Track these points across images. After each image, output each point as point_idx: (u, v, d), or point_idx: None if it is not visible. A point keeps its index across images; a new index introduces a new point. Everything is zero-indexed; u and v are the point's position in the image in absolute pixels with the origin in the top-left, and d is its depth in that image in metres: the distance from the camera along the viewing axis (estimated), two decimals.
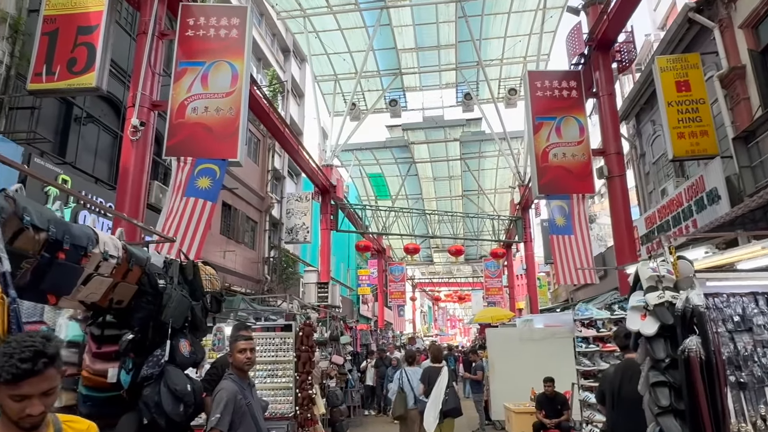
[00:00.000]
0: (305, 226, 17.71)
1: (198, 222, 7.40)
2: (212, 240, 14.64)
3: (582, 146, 9.36)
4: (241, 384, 3.17)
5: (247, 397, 3.14)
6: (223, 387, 3.04)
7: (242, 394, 3.10)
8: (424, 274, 50.87)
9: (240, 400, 3.03)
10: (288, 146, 16.04)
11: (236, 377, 3.16)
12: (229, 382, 3.09)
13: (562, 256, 8.97)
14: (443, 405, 6.36)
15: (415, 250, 19.87)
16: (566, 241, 8.99)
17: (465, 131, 25.61)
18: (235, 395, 3.01)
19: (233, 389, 3.03)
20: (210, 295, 3.27)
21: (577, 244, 8.93)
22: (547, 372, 8.85)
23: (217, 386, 3.06)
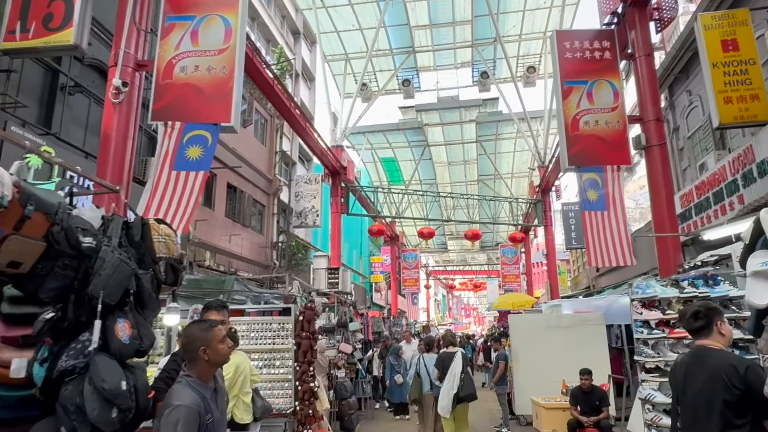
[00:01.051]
0: (315, 209, 16.95)
1: (189, 196, 6.65)
2: (217, 223, 13.96)
3: (616, 113, 8.41)
4: (204, 391, 2.24)
5: (211, 411, 2.24)
6: (180, 402, 2.10)
7: (205, 407, 2.20)
8: (438, 262, 50.02)
9: (203, 419, 2.16)
10: (296, 125, 15.24)
11: (196, 381, 2.23)
12: (187, 393, 2.15)
13: (594, 235, 8.06)
14: (458, 390, 6.39)
15: (430, 234, 19.03)
16: (599, 217, 8.07)
17: (481, 111, 24.56)
18: (198, 414, 2.12)
19: (194, 404, 2.13)
20: (164, 262, 2.49)
21: (612, 220, 8.02)
22: (576, 362, 7.99)
23: (168, 397, 2.15)
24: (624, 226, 8.01)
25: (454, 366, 6.54)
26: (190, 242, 11.85)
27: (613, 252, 7.96)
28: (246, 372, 4.37)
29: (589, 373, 6.30)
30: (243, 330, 5.43)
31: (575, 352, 8.08)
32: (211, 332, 2.31)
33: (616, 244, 7.97)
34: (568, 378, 7.67)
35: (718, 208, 9.85)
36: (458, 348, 6.93)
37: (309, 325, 5.47)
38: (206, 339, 2.30)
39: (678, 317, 2.94)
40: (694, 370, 2.50)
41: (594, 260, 8.06)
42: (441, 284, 54.16)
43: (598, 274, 20.55)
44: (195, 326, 2.34)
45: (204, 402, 2.23)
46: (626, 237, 7.95)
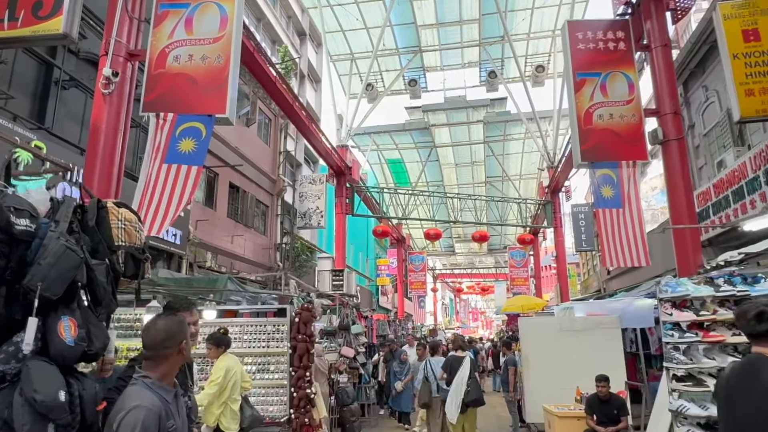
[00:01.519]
0: (319, 210, 16.64)
1: (182, 192, 6.33)
2: (218, 223, 13.67)
3: (632, 106, 8.01)
4: (165, 395, 1.95)
5: (173, 416, 1.94)
6: (138, 403, 1.81)
7: (167, 412, 1.91)
8: (446, 265, 49.55)
9: (164, 425, 1.87)
10: (300, 124, 14.93)
11: (156, 383, 1.93)
12: (146, 394, 1.86)
13: (608, 234, 7.66)
14: (465, 396, 6.36)
15: (437, 235, 18.64)
16: (614, 216, 7.67)
17: (489, 112, 24.17)
18: (159, 418, 1.84)
19: (154, 407, 1.84)
20: (124, 252, 2.14)
21: (627, 219, 7.62)
22: (590, 368, 7.58)
23: (121, 401, 1.84)
24: (640, 224, 7.60)
25: (462, 371, 6.52)
26: (190, 242, 11.57)
27: (628, 252, 7.56)
28: (237, 377, 4.04)
29: (606, 380, 5.89)
30: (236, 332, 5.11)
31: (589, 357, 7.67)
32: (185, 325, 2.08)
33: (631, 244, 7.57)
34: (582, 385, 7.27)
35: (738, 207, 9.41)
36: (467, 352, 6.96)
37: (305, 328, 5.12)
38: (184, 333, 2.05)
39: (736, 317, 2.52)
40: (746, 382, 2.11)
41: (609, 261, 7.65)
42: (448, 288, 53.66)
43: (609, 276, 20.05)
44: (169, 320, 2.02)
45: (166, 406, 1.92)
46: (642, 236, 7.55)
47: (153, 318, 2.02)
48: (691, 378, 4.20)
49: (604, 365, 7.62)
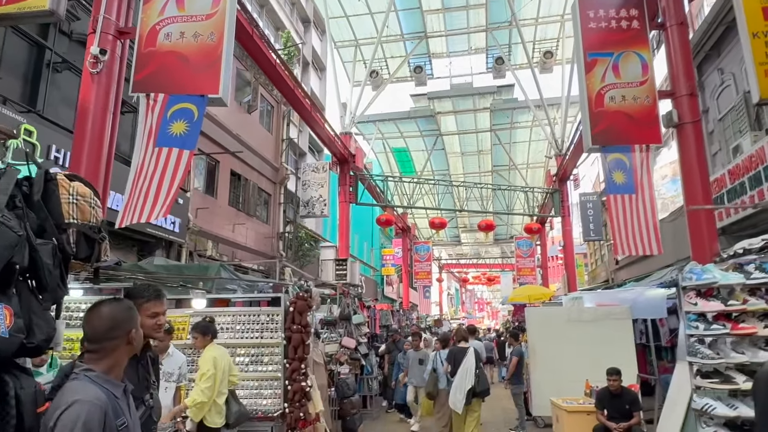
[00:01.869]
0: (322, 198, 16.38)
1: (173, 176, 6.05)
2: (219, 211, 13.44)
3: (645, 87, 7.64)
4: (113, 389, 1.71)
5: (123, 413, 1.70)
6: (78, 398, 1.56)
7: (115, 408, 1.67)
8: (451, 255, 49.28)
9: (111, 422, 1.62)
10: (302, 111, 14.64)
11: (101, 377, 1.69)
12: (90, 388, 1.62)
13: (620, 221, 7.33)
14: (477, 385, 6.41)
15: (441, 224, 18.34)
16: (626, 202, 7.34)
17: (496, 99, 23.74)
18: (104, 414, 1.59)
19: (98, 401, 1.60)
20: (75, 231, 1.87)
21: (640, 205, 7.29)
22: (600, 360, 7.31)
23: (60, 396, 1.59)
24: (653, 211, 7.28)
25: (467, 361, 6.53)
26: (189, 230, 11.35)
27: (640, 240, 7.24)
28: (225, 369, 3.79)
29: (618, 374, 5.60)
30: (228, 322, 4.86)
31: (598, 349, 7.41)
32: (135, 311, 1.87)
33: (643, 232, 7.24)
34: (592, 377, 7.01)
35: (755, 194, 9.05)
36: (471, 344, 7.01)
37: (301, 317, 4.86)
38: (133, 320, 1.83)
39: None
40: None
41: (620, 248, 7.33)
42: (454, 278, 53.43)
43: (617, 266, 19.71)
44: (114, 306, 1.77)
45: (113, 402, 1.68)
46: (654, 224, 7.22)
47: (95, 304, 1.75)
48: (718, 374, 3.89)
49: (614, 357, 7.35)
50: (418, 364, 8.18)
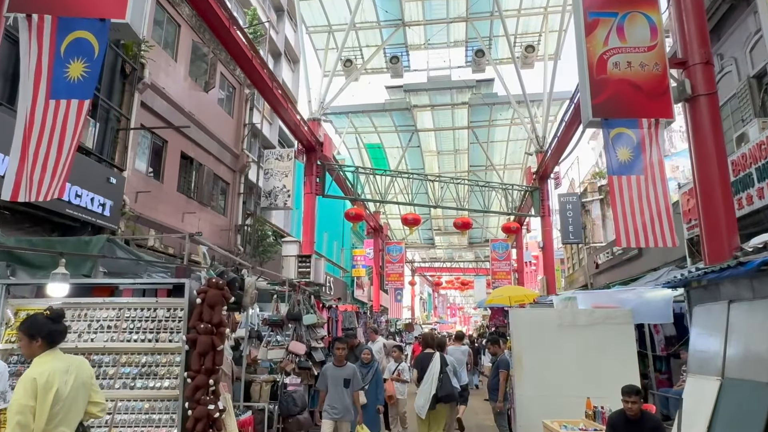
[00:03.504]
0: (286, 189, 14.99)
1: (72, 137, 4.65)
2: (166, 198, 11.92)
3: (654, 53, 6.57)
4: None
5: None
6: None
7: None
8: (425, 259, 48.21)
9: None
10: (267, 92, 13.29)
11: None
12: None
13: (625, 206, 6.20)
14: (438, 390, 6.37)
15: (415, 221, 17.14)
16: (632, 184, 6.22)
17: (475, 93, 22.70)
18: None
19: None
20: None
21: (650, 188, 6.18)
22: (597, 372, 6.17)
23: None
24: (665, 196, 6.16)
25: (433, 367, 6.53)
26: (125, 216, 9.84)
27: (650, 229, 6.12)
28: (61, 397, 2.38)
29: (638, 394, 4.39)
30: (110, 318, 3.48)
31: (595, 359, 6.25)
32: None
33: (654, 220, 6.13)
34: (589, 393, 5.83)
35: (764, 186, 8.08)
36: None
37: (212, 313, 3.51)
38: None
39: None
40: None
41: (624, 239, 6.20)
42: (427, 282, 52.41)
43: (597, 270, 18.82)
44: None
45: None
46: (667, 210, 6.11)
47: None
48: None
49: (613, 369, 6.20)
50: (342, 387, 5.76)
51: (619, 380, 6.19)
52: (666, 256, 13.22)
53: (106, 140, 9.68)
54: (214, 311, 3.56)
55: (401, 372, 7.60)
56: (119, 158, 9.96)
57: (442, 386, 6.37)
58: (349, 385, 5.78)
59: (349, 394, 5.80)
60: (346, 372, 5.83)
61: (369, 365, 6.58)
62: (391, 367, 7.69)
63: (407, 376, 7.49)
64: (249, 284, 4.72)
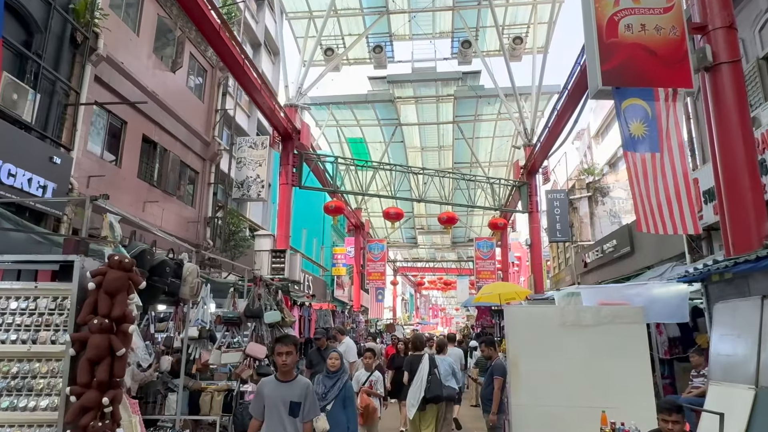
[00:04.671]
0: (260, 179, 14.00)
1: None
2: (124, 184, 10.86)
3: (671, 15, 5.79)
4: None
5: None
6: None
7: None
8: (407, 259, 47.38)
9: None
10: (242, 76, 12.30)
11: None
12: None
13: (642, 188, 5.40)
14: (426, 391, 6.40)
15: (398, 215, 16.26)
16: (648, 162, 5.42)
17: (461, 86, 21.91)
18: None
19: None
20: None
21: (666, 167, 5.38)
22: (605, 380, 5.34)
23: None
24: (685, 177, 5.38)
25: (422, 369, 6.57)
26: (70, 201, 8.75)
27: (668, 214, 5.32)
28: None
29: (680, 412, 3.50)
30: None
31: (603, 364, 5.42)
32: None
33: (672, 203, 5.33)
34: (598, 403, 5.00)
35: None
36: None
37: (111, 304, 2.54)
38: None
39: None
40: None
41: (644, 225, 5.39)
42: (409, 282, 51.61)
43: (585, 269, 18.15)
44: None
45: None
46: (687, 192, 5.31)
47: None
48: None
49: (624, 376, 5.37)
50: (286, 413, 3.81)
51: (630, 388, 5.38)
52: (661, 253, 12.55)
53: (51, 115, 8.59)
54: (115, 301, 2.57)
55: (374, 383, 6.36)
56: (66, 136, 8.88)
57: (430, 388, 6.40)
58: (297, 411, 3.79)
59: (296, 425, 3.78)
60: (293, 391, 3.81)
61: (336, 375, 4.81)
62: (360, 377, 6.41)
63: (381, 388, 6.35)
64: (188, 271, 3.80)
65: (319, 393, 4.48)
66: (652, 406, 5.30)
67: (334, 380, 4.84)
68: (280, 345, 3.87)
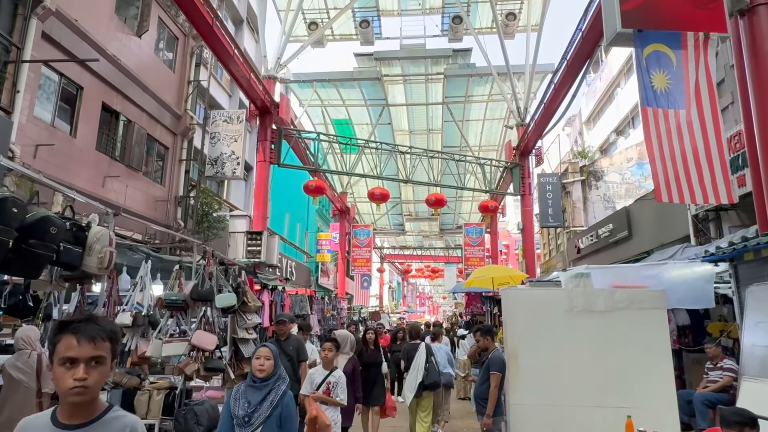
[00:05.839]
0: (235, 155, 13.00)
1: None
2: (79, 156, 9.83)
3: None
4: None
5: None
6: None
7: None
8: (394, 246, 46.55)
9: None
10: (213, 41, 11.26)
11: None
12: None
13: (662, 150, 4.57)
14: (425, 378, 6.59)
15: (383, 196, 15.37)
16: (671, 120, 4.58)
17: (451, 64, 20.95)
18: None
19: None
20: None
21: (695, 126, 4.55)
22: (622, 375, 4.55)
23: None
24: (717, 137, 4.55)
25: (419, 357, 6.73)
26: (12, 173, 7.72)
27: (696, 180, 4.49)
28: None
29: (755, 426, 2.67)
30: None
31: (618, 357, 4.63)
32: None
33: (702, 168, 4.51)
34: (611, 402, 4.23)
35: None
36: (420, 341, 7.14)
37: None
38: None
39: None
40: None
41: (665, 193, 4.56)
42: (396, 270, 50.89)
43: (578, 256, 17.45)
44: None
45: None
46: (720, 155, 4.49)
47: None
48: None
49: (642, 370, 4.59)
50: None
51: (649, 385, 4.59)
52: (662, 237, 11.84)
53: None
54: None
55: (332, 387, 4.61)
56: (6, 97, 7.84)
57: (428, 375, 6.60)
58: None
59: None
60: None
61: (264, 383, 3.22)
62: (315, 377, 4.69)
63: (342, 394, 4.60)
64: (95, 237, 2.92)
65: (238, 415, 3.05)
66: (674, 406, 4.53)
67: (261, 390, 3.20)
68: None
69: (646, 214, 12.76)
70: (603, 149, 25.95)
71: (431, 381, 6.57)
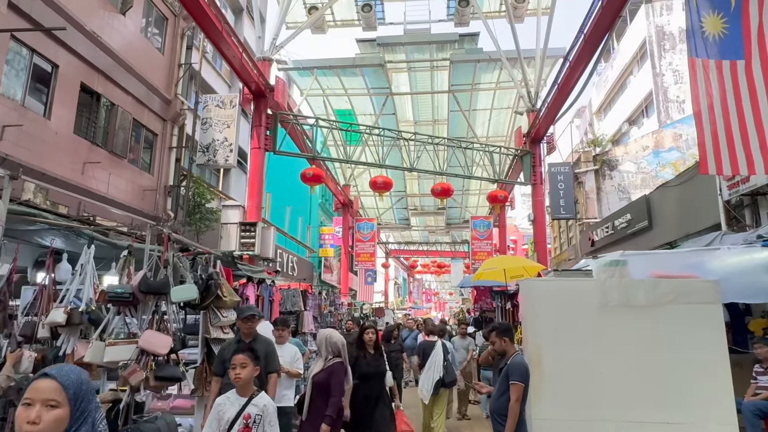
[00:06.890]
0: (228, 142, 12.23)
1: None
2: (56, 141, 9.09)
3: None
4: None
5: None
6: None
7: None
8: (400, 242, 45.74)
9: None
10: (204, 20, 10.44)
11: None
12: None
13: (715, 110, 3.74)
14: (445, 376, 6.65)
15: (386, 184, 14.55)
16: (726, 74, 3.75)
17: (458, 49, 20.06)
18: None
19: None
20: None
21: (756, 80, 3.71)
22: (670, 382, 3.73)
23: None
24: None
25: (435, 354, 6.81)
26: None
27: (757, 147, 3.64)
28: None
29: None
30: None
31: (663, 362, 3.82)
32: None
33: (765, 133, 3.65)
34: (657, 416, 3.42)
35: None
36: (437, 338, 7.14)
37: None
38: None
39: None
40: None
41: (713, 163, 3.73)
42: (401, 266, 50.10)
43: (592, 249, 16.56)
44: None
45: None
46: None
47: None
48: None
49: (693, 377, 3.77)
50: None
51: (703, 396, 3.77)
52: (687, 227, 10.96)
53: None
54: None
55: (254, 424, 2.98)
56: None
57: (447, 372, 6.71)
58: None
59: None
60: None
61: None
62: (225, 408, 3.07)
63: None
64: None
65: None
66: (734, 422, 3.71)
67: None
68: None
69: (669, 202, 11.89)
70: (615, 140, 24.98)
71: (451, 378, 6.78)
